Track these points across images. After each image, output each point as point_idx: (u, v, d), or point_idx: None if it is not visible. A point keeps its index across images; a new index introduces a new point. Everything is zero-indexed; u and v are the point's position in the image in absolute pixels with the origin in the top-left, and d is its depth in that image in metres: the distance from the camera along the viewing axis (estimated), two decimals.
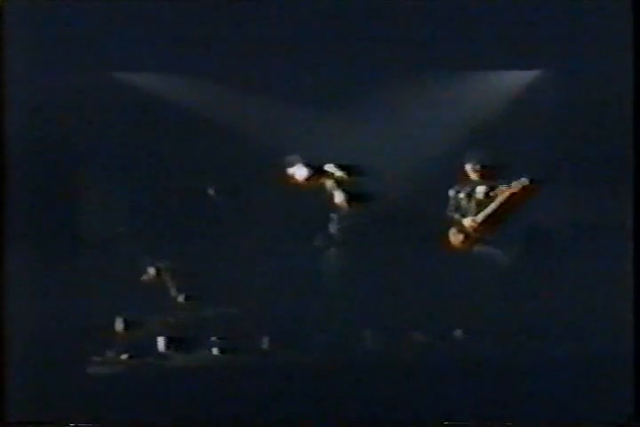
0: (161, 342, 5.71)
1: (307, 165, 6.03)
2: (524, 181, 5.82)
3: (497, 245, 5.95)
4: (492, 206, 5.96)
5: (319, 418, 5.02)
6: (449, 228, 6.01)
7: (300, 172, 6.05)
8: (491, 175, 6.00)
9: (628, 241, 5.28)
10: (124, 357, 5.58)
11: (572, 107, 5.80)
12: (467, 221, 6.00)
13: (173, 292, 5.90)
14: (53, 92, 5.51)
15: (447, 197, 6.07)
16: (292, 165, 6.05)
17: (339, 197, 6.04)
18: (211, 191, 6.09)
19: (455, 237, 6.00)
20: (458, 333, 5.81)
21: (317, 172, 6.07)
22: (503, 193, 5.92)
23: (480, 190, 6.02)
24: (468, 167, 6.04)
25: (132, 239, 5.94)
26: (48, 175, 5.53)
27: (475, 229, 5.97)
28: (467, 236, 5.98)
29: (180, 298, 5.91)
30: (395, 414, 5.05)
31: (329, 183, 6.05)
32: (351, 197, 6.03)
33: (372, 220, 5.96)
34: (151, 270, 5.91)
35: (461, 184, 6.07)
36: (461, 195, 6.06)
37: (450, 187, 6.08)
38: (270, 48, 5.66)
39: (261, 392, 5.13)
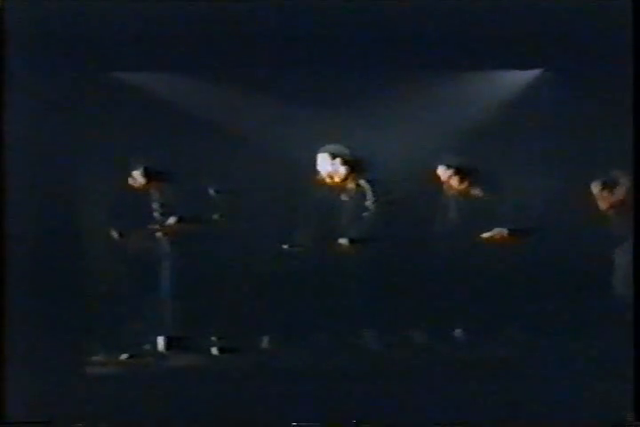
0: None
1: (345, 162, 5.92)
2: None
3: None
4: None
5: (320, 418, 5.03)
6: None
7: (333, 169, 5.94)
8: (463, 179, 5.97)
9: (628, 241, 5.30)
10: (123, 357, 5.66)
11: (572, 107, 5.82)
12: None
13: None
14: (53, 92, 5.52)
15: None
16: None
17: (369, 199, 5.92)
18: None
19: None
20: (457, 332, 5.83)
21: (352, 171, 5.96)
22: None
23: None
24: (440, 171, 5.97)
25: None
26: None
27: None
28: None
29: None
30: (395, 414, 5.06)
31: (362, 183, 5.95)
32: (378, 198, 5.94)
33: (393, 221, 5.89)
34: None
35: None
36: None
37: None
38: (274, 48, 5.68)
39: (261, 392, 5.15)
